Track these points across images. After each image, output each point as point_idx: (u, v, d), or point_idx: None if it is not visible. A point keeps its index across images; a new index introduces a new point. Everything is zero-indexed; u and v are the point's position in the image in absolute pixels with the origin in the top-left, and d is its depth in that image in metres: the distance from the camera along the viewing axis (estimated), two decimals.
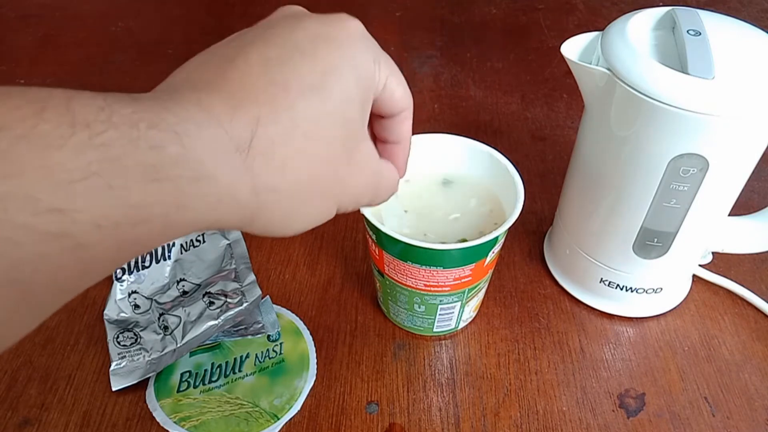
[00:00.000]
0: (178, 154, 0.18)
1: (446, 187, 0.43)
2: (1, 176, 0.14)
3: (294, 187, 0.23)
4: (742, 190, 0.39)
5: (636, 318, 0.46)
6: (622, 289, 0.44)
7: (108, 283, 0.45)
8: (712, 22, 0.36)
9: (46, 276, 0.16)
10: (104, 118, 0.17)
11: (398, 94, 0.27)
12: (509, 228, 0.37)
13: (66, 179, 0.15)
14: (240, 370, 0.42)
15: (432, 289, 0.39)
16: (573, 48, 0.39)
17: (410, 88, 0.29)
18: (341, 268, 0.49)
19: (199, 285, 0.46)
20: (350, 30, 0.25)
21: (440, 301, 0.40)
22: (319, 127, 0.23)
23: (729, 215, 0.42)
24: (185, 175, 0.18)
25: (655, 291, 0.44)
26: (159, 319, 0.43)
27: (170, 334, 0.42)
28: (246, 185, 0.21)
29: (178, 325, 0.42)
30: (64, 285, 0.17)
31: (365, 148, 0.26)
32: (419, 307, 0.41)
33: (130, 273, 0.45)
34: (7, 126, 0.15)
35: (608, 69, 0.36)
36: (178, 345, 0.42)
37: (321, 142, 0.23)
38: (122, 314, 0.43)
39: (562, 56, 0.38)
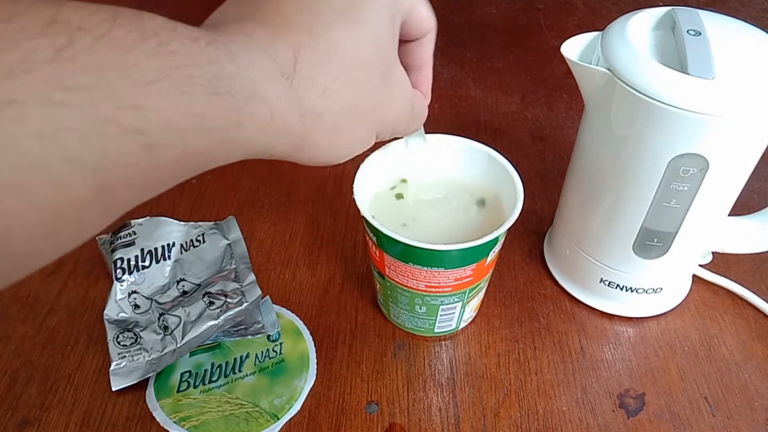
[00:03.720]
0: (233, 71, 0.19)
1: (446, 187, 0.43)
2: (87, 69, 0.16)
3: (336, 112, 0.24)
4: (742, 190, 0.39)
5: (636, 318, 0.46)
6: (622, 289, 0.44)
7: (108, 283, 0.45)
8: (712, 22, 0.36)
9: (122, 170, 0.17)
10: (169, 30, 0.18)
11: (424, 14, 0.28)
12: (509, 228, 0.37)
13: (142, 79, 0.17)
14: (240, 370, 0.42)
15: (433, 290, 0.39)
16: (573, 48, 0.39)
17: None
18: (341, 268, 0.49)
19: (199, 285, 0.46)
20: None
21: (441, 301, 0.40)
22: (355, 51, 0.24)
23: (729, 215, 0.42)
24: (241, 93, 0.20)
25: (655, 291, 0.44)
26: (159, 319, 0.43)
27: (170, 334, 0.42)
28: (294, 109, 0.22)
29: (178, 325, 0.42)
30: (136, 184, 0.18)
31: (398, 72, 0.27)
32: (420, 308, 0.41)
33: (130, 273, 0.45)
34: (86, 27, 0.16)
35: (608, 69, 0.36)
36: (178, 345, 0.42)
37: (358, 65, 0.24)
38: (122, 314, 0.43)
39: (562, 56, 0.38)
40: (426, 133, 0.42)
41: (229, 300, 0.44)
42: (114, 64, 0.16)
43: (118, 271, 0.44)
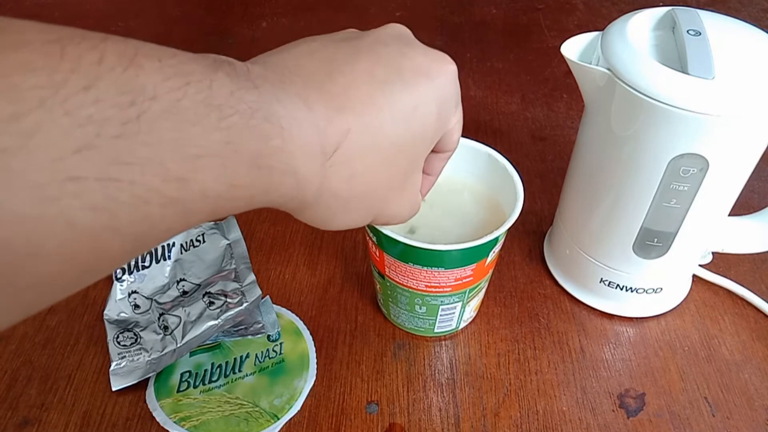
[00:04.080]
0: (278, 147, 0.20)
1: (445, 187, 0.43)
2: (146, 143, 0.16)
3: (350, 198, 0.25)
4: (742, 190, 0.39)
5: (636, 318, 0.46)
6: (622, 289, 0.44)
7: (108, 283, 0.45)
8: (712, 22, 0.36)
9: (156, 231, 0.18)
10: (233, 103, 0.18)
11: (455, 137, 0.30)
12: (509, 228, 0.37)
13: (193, 154, 0.17)
14: (240, 370, 0.42)
15: (433, 290, 0.39)
16: (573, 48, 0.39)
17: None
18: (341, 268, 0.49)
19: (199, 285, 0.46)
20: (448, 73, 0.27)
21: (441, 301, 0.40)
22: (393, 154, 0.25)
23: (729, 215, 0.42)
24: (277, 167, 0.20)
25: (655, 291, 0.44)
26: (159, 319, 0.43)
27: (170, 334, 0.42)
28: (315, 185, 0.23)
29: (178, 325, 0.42)
30: (163, 237, 0.19)
31: (417, 179, 0.29)
32: (420, 309, 0.41)
33: (130, 273, 0.45)
34: (158, 96, 0.16)
35: (608, 69, 0.36)
36: (178, 345, 0.42)
37: (389, 167, 0.25)
38: (122, 314, 0.43)
39: (562, 56, 0.38)
40: None
41: (229, 300, 0.44)
42: (171, 138, 0.17)
43: (118, 271, 0.44)
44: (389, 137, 0.24)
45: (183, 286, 0.45)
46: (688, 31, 0.35)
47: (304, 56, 0.24)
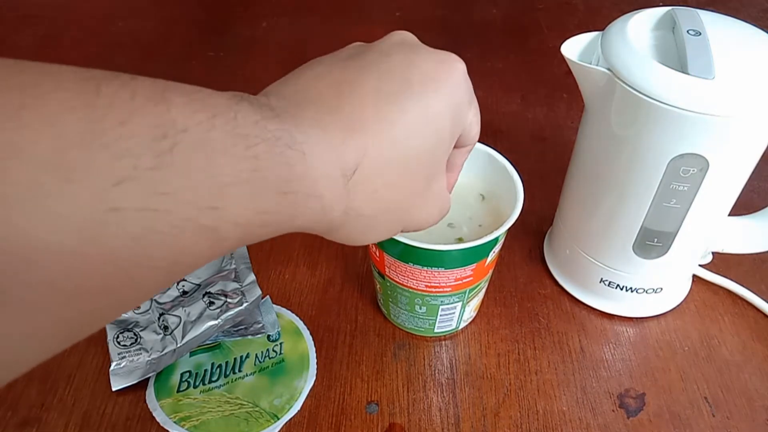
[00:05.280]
0: (301, 172, 0.21)
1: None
2: (179, 174, 0.17)
3: (376, 214, 0.25)
4: (742, 190, 0.39)
5: (636, 318, 0.46)
6: (622, 289, 0.44)
7: None
8: (712, 22, 0.36)
9: (188, 259, 0.18)
10: (258, 132, 0.19)
11: (474, 132, 0.30)
12: (509, 228, 0.37)
13: (224, 182, 0.18)
14: (240, 370, 0.42)
15: (433, 290, 0.39)
16: (573, 48, 0.39)
17: None
18: (341, 268, 0.49)
19: (199, 285, 0.46)
20: (457, 74, 0.28)
21: (441, 301, 0.40)
22: (413, 165, 0.25)
23: (729, 215, 0.42)
24: (302, 191, 0.21)
25: (655, 291, 0.44)
26: (159, 319, 0.43)
27: (170, 334, 0.42)
28: (341, 206, 0.23)
29: (178, 325, 0.42)
30: (193, 266, 0.19)
31: (441, 182, 0.29)
32: (420, 309, 0.41)
33: None
34: (189, 129, 0.17)
35: (608, 69, 0.36)
36: (178, 345, 0.42)
37: (410, 177, 0.26)
38: (122, 314, 0.43)
39: (562, 56, 0.38)
40: None
41: (229, 300, 0.44)
42: (203, 167, 0.17)
43: None
44: (405, 149, 0.25)
45: (183, 286, 0.45)
46: (688, 31, 0.35)
47: (311, 81, 0.24)
